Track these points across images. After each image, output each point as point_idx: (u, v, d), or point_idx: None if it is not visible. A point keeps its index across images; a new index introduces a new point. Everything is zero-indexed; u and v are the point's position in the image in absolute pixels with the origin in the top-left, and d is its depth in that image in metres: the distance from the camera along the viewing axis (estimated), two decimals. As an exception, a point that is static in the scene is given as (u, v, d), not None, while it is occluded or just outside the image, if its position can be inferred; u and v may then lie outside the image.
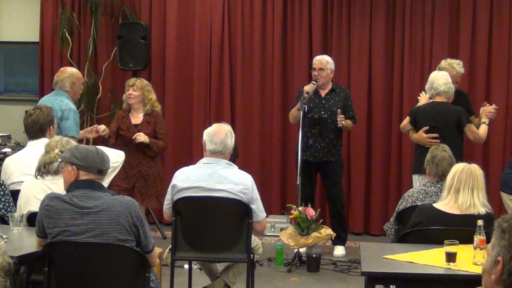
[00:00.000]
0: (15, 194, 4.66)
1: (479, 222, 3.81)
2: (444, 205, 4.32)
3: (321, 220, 6.52)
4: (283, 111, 8.11)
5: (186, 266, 5.94)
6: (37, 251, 3.86)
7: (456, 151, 5.35)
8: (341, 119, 6.85)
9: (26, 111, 5.59)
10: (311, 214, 6.29)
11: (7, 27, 9.02)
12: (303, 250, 6.72)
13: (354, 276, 6.38)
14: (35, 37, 8.81)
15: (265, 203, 5.32)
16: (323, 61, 7.07)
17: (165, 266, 5.34)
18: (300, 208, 6.35)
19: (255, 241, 5.19)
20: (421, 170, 5.44)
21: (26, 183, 4.57)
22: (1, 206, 4.62)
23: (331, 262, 6.83)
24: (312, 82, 7.02)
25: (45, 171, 4.44)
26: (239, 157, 7.20)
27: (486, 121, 6.45)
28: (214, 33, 8.36)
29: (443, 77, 6.29)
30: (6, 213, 4.54)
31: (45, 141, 4.83)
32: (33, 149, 5.02)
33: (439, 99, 6.25)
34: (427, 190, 4.83)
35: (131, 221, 3.68)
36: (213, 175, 4.85)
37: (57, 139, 4.60)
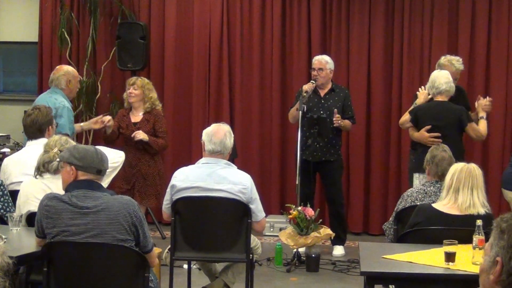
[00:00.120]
0: (14, 194, 4.65)
1: (478, 222, 3.81)
2: (443, 205, 4.31)
3: (320, 220, 6.51)
4: (282, 111, 8.10)
5: (185, 266, 5.94)
6: (36, 251, 3.85)
7: (457, 150, 5.35)
8: (337, 119, 6.85)
9: (25, 111, 5.59)
10: (310, 214, 6.29)
11: (6, 27, 9.01)
12: (302, 250, 6.72)
13: (353, 276, 6.38)
14: (34, 37, 8.79)
15: (264, 203, 5.31)
16: (322, 61, 7.07)
17: (164, 266, 5.34)
18: (299, 208, 6.34)
19: (254, 241, 5.19)
20: (422, 169, 5.44)
21: (25, 183, 4.57)
22: (0, 206, 4.61)
23: (330, 262, 6.83)
24: (311, 81, 7.02)
25: (44, 170, 4.44)
26: (238, 157, 7.19)
27: (484, 115, 6.45)
28: (213, 33, 8.35)
29: (445, 76, 6.29)
30: (5, 213, 4.53)
31: (44, 141, 4.82)
32: (32, 149, 5.02)
33: (441, 98, 6.25)
34: (426, 190, 4.83)
35: (130, 221, 3.68)
36: (212, 175, 4.85)
37: (55, 138, 4.60)
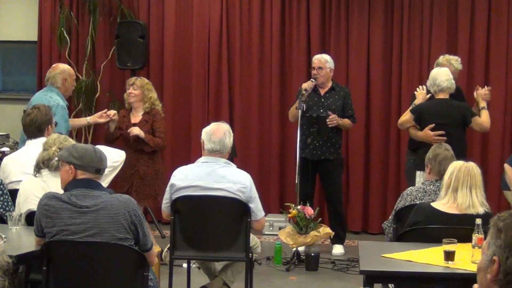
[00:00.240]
0: (13, 193, 4.65)
1: (478, 220, 3.81)
2: (442, 204, 4.30)
3: (320, 218, 6.51)
4: (282, 110, 8.10)
5: (184, 265, 5.94)
6: (35, 250, 3.85)
7: (461, 147, 5.34)
8: (331, 119, 6.84)
9: (24, 110, 5.59)
10: (309, 213, 6.29)
11: (5, 26, 9.01)
12: (301, 249, 6.72)
13: (352, 274, 6.38)
14: (33, 36, 8.79)
15: (264, 202, 5.32)
16: (322, 60, 7.07)
17: (163, 265, 5.34)
18: (298, 207, 6.35)
19: (254, 240, 5.19)
20: (424, 167, 5.42)
21: (25, 181, 4.56)
22: (0, 205, 4.61)
23: (330, 260, 6.83)
24: (311, 79, 7.02)
25: (44, 167, 4.44)
26: (237, 156, 7.19)
27: (484, 105, 6.44)
28: (212, 32, 8.35)
29: (445, 73, 6.28)
30: (4, 212, 4.53)
31: (43, 140, 4.82)
32: (32, 148, 5.02)
33: (442, 96, 6.24)
34: (425, 188, 4.82)
35: (129, 219, 3.68)
36: (212, 174, 4.85)
37: (54, 136, 4.60)
